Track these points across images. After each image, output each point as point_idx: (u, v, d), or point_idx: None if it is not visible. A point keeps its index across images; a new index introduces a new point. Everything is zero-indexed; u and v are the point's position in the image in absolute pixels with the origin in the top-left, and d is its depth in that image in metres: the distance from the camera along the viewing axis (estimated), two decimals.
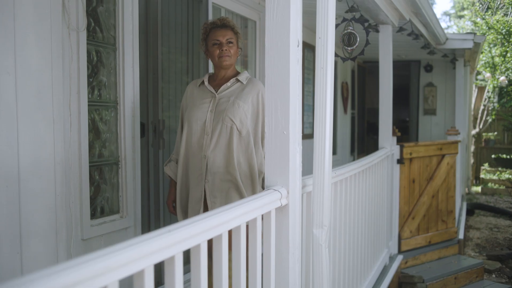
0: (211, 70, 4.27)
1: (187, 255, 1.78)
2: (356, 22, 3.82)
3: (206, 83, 2.81)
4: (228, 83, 2.77)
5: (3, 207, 2.31)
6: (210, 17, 4.20)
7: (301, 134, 2.04)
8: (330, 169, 2.14)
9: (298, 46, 1.98)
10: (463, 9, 22.55)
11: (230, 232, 1.61)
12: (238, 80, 2.80)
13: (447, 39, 7.24)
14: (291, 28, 1.92)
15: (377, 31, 4.70)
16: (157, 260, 1.21)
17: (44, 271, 0.95)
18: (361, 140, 10.39)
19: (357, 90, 9.96)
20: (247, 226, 1.74)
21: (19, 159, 2.38)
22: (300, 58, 2.00)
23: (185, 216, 2.84)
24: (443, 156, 5.63)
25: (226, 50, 2.74)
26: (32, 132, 2.45)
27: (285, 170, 1.96)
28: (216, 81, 2.83)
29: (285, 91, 1.93)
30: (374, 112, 11.32)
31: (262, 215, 1.83)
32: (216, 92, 2.77)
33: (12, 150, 2.35)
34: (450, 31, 23.32)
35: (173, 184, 2.95)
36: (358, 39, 3.64)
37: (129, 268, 1.11)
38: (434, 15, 5.50)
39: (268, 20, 1.95)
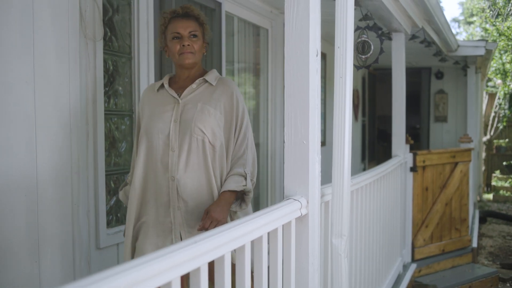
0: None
1: None
2: (370, 30, 3.82)
3: (166, 86, 2.31)
4: (193, 85, 2.28)
5: (22, 216, 2.32)
6: (224, 25, 4.21)
7: (320, 144, 2.03)
8: (349, 178, 2.13)
9: (317, 55, 1.98)
10: (472, 15, 22.47)
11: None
12: (205, 81, 2.31)
13: (458, 46, 7.22)
14: (311, 37, 1.92)
15: (390, 39, 4.70)
16: (184, 271, 1.20)
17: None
18: (371, 147, 10.36)
19: (368, 97, 9.95)
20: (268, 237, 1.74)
21: (37, 168, 2.39)
22: (319, 67, 2.00)
23: (133, 250, 2.29)
24: (456, 163, 5.60)
25: (188, 45, 2.25)
26: (50, 141, 2.46)
27: (304, 179, 1.95)
28: (179, 84, 2.34)
29: (305, 100, 1.93)
30: (384, 119, 11.31)
31: (283, 225, 1.82)
32: (179, 96, 2.28)
33: (30, 159, 2.36)
34: (459, 37, 23.25)
35: None
36: (372, 47, 3.64)
37: (157, 280, 1.11)
38: (447, 22, 5.49)
39: (287, 29, 1.95)
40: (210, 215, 2.12)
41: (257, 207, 5.12)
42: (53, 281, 2.46)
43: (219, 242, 1.33)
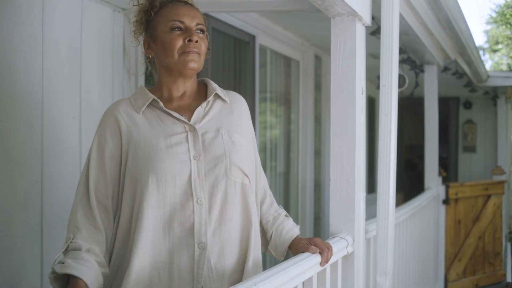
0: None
1: None
2: (404, 63, 3.83)
3: (161, 104, 1.53)
4: (204, 104, 1.56)
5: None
6: (258, 57, 4.27)
7: (365, 181, 2.03)
8: (393, 215, 2.13)
9: (362, 94, 2.00)
10: (497, 43, 22.33)
11: None
12: (218, 97, 1.61)
13: (488, 76, 7.17)
14: (357, 76, 1.95)
15: (422, 71, 4.69)
16: None
17: None
18: (398, 177, 10.22)
19: None
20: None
21: None
22: (364, 106, 2.02)
23: None
24: (489, 196, 5.52)
25: (197, 42, 1.51)
26: None
27: (350, 217, 1.95)
28: (175, 102, 1.57)
29: (351, 138, 1.94)
30: (411, 149, 11.21)
31: (330, 265, 1.81)
32: (188, 119, 1.54)
33: (73, 192, 2.40)
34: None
35: None
36: (407, 81, 3.65)
37: None
38: (478, 53, 5.48)
39: (333, 68, 1.98)
40: (317, 242, 1.62)
41: None
42: None
43: (276, 283, 1.33)
